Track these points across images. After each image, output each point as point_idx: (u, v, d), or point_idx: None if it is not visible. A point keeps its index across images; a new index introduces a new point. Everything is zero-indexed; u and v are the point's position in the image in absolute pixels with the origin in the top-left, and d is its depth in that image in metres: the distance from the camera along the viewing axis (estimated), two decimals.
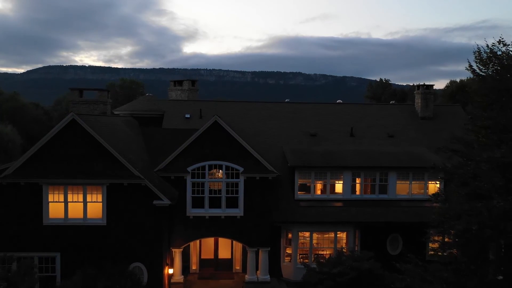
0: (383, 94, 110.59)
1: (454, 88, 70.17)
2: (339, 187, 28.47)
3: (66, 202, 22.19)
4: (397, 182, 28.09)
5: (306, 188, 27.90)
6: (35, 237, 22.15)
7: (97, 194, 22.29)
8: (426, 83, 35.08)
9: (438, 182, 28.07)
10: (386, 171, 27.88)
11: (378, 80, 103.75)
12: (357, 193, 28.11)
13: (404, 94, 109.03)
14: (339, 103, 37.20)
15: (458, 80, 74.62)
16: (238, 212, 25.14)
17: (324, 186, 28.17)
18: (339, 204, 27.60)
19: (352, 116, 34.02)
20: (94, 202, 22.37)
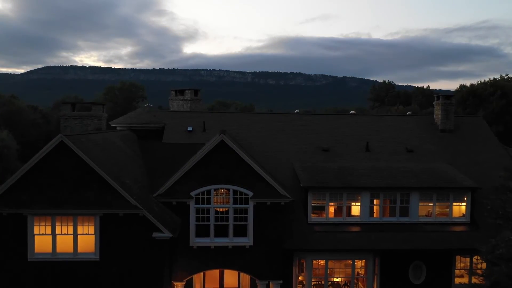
0: (386, 96, 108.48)
1: (465, 93, 67.63)
2: (355, 209, 26.04)
3: (54, 234, 19.62)
4: (420, 203, 25.68)
5: (320, 208, 25.47)
6: (18, 274, 19.59)
7: (89, 225, 19.73)
8: (446, 94, 32.68)
9: (464, 204, 25.86)
10: (408, 192, 25.44)
11: (379, 81, 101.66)
12: (376, 215, 25.67)
13: (408, 96, 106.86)
14: (352, 114, 34.79)
15: (468, 84, 72.07)
16: (247, 241, 22.64)
17: (339, 208, 25.75)
18: (357, 228, 25.15)
19: (367, 129, 31.62)
20: (86, 234, 19.79)
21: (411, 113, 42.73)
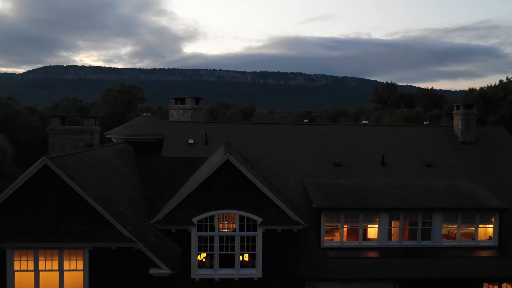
0: (389, 98, 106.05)
1: (475, 97, 65.31)
2: (372, 231, 23.76)
3: (37, 271, 17.29)
4: (443, 225, 23.43)
5: (333, 229, 23.20)
6: None
7: (77, 260, 17.40)
8: (466, 103, 30.43)
9: (492, 226, 23.62)
10: (430, 213, 23.17)
11: (379, 81, 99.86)
12: (394, 239, 23.40)
13: (411, 98, 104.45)
14: (364, 124, 32.55)
15: (471, 85, 69.94)
16: (256, 273, 20.30)
17: (354, 230, 23.45)
18: (374, 254, 22.85)
19: (381, 140, 29.38)
20: (73, 270, 17.48)
21: (427, 123, 40.47)
